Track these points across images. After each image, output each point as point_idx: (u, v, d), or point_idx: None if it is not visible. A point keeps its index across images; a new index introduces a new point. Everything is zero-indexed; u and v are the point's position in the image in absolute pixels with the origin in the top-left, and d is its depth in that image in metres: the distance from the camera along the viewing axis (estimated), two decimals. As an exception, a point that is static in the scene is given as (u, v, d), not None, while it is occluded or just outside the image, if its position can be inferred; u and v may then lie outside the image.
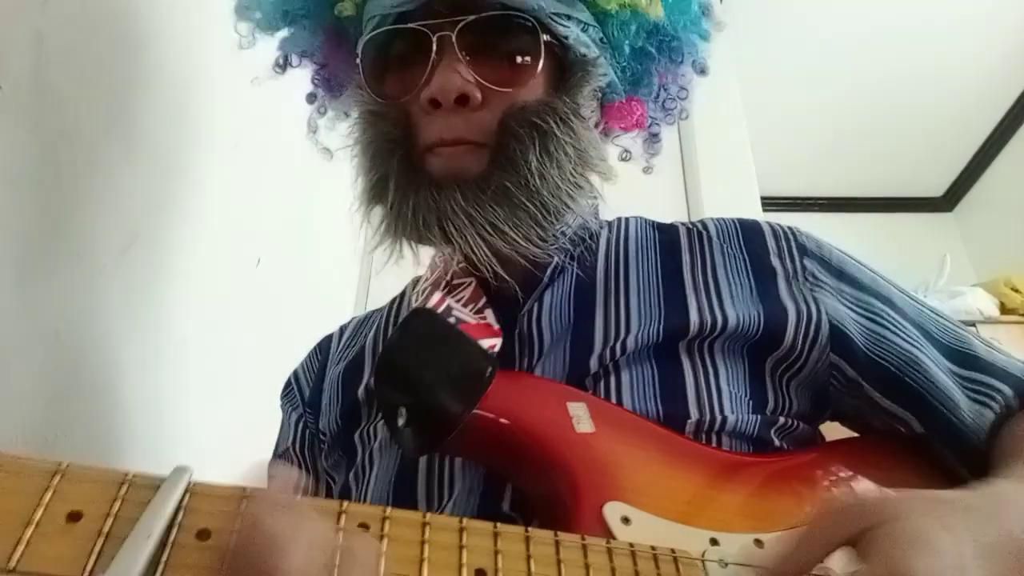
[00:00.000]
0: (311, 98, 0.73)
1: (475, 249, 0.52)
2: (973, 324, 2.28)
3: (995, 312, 2.41)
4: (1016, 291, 2.44)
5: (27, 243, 0.56)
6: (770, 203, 2.51)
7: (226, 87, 0.92)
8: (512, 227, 0.53)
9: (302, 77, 0.73)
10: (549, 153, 0.54)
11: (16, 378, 0.55)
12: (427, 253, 0.61)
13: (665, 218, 0.69)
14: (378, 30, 0.58)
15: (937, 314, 0.60)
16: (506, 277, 0.55)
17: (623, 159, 0.73)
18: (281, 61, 0.70)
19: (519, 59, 0.57)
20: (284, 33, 0.68)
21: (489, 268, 0.53)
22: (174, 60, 0.80)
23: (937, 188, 3.04)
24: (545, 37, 0.56)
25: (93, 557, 0.29)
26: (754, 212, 1.88)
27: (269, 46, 0.68)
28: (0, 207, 0.53)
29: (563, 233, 0.60)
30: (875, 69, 2.47)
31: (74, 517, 0.30)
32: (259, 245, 1.04)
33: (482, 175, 0.54)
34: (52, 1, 0.58)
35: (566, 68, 0.59)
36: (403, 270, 0.78)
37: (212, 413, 0.88)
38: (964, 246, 2.90)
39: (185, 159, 0.82)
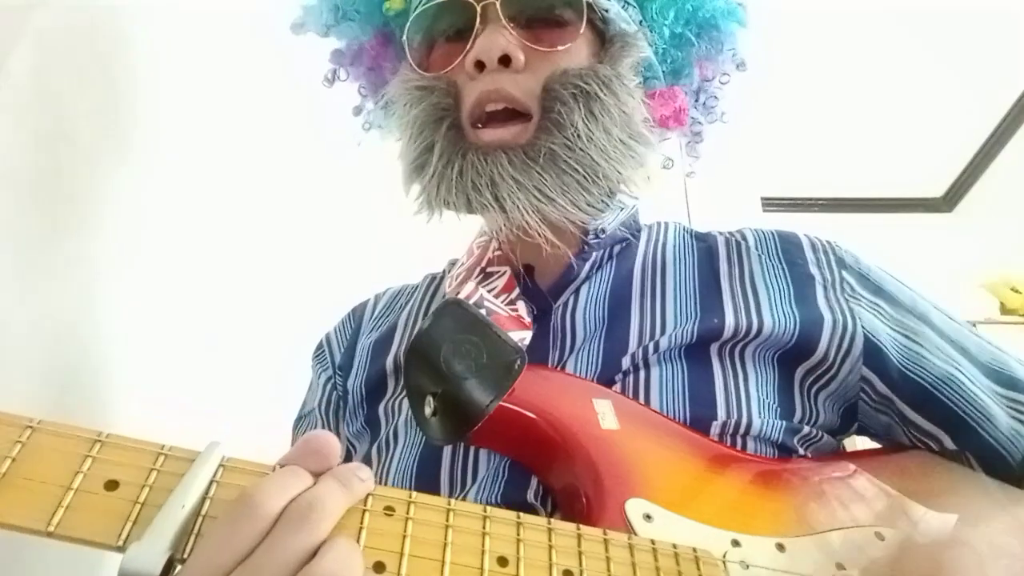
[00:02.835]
0: (357, 111, 0.75)
1: (526, 214, 0.53)
2: (973, 325, 2.27)
3: (995, 313, 2.41)
4: (1016, 291, 2.44)
5: (27, 243, 0.56)
6: (770, 203, 2.50)
7: (226, 87, 0.92)
8: (560, 192, 0.54)
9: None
10: (595, 116, 0.55)
11: (16, 378, 0.55)
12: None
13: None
14: (427, 5, 0.59)
15: (976, 335, 0.60)
16: (557, 243, 0.55)
17: (665, 167, 0.73)
18: (330, 75, 0.72)
19: (561, 23, 0.59)
20: (335, 44, 0.71)
21: (541, 235, 0.54)
22: (173, 60, 0.80)
23: (937, 188, 3.03)
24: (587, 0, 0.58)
25: (129, 524, 0.31)
26: (754, 212, 1.88)
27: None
28: (0, 207, 0.53)
29: (603, 230, 0.61)
30: (876, 69, 2.47)
31: (112, 485, 0.31)
32: (259, 245, 1.04)
33: (528, 143, 0.55)
34: (52, 1, 0.58)
35: (607, 41, 0.61)
36: (402, 272, 0.78)
37: (212, 413, 0.88)
38: (964, 246, 2.90)
39: (184, 159, 0.82)
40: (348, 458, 0.64)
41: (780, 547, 0.43)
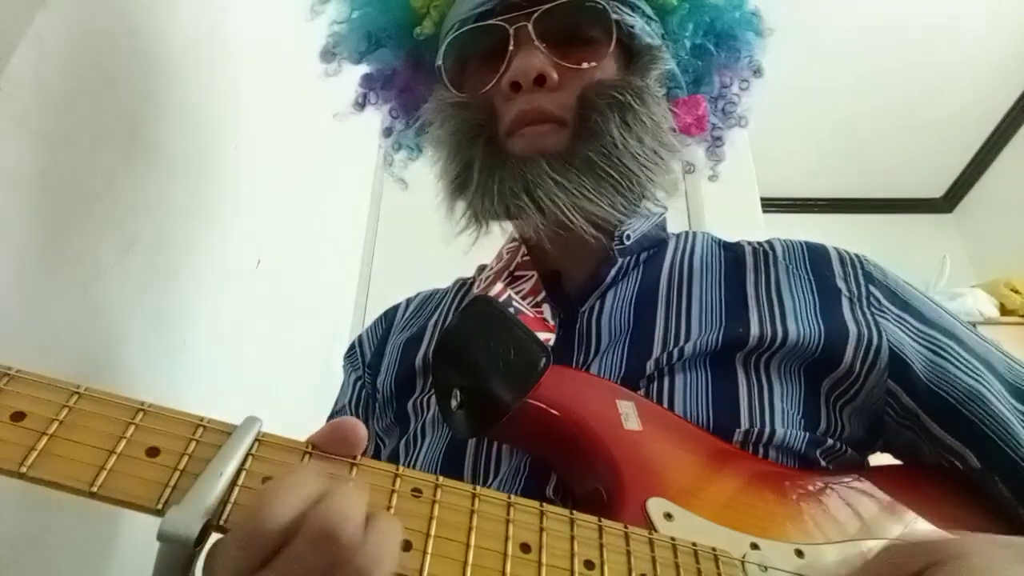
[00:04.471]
0: (387, 132, 0.78)
1: (565, 211, 0.55)
2: (973, 325, 2.26)
3: (995, 313, 2.40)
4: (1016, 292, 2.43)
5: (27, 244, 0.56)
6: (770, 204, 2.50)
7: (226, 88, 0.92)
8: (598, 196, 0.56)
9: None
10: (628, 125, 0.57)
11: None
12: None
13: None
14: (460, 31, 0.62)
15: (1004, 352, 0.59)
16: (597, 234, 0.57)
17: (687, 172, 0.75)
18: (360, 99, 0.75)
19: (592, 40, 0.61)
20: (365, 69, 0.73)
21: (579, 227, 0.55)
22: (174, 61, 0.80)
23: (937, 189, 3.03)
24: (615, 16, 0.60)
25: (168, 489, 0.32)
26: (754, 213, 1.88)
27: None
28: (0, 208, 0.53)
29: (628, 236, 0.62)
30: (875, 69, 2.47)
31: (153, 452, 0.33)
32: (259, 247, 1.04)
33: (566, 149, 0.57)
34: (52, 1, 0.58)
35: (634, 54, 0.63)
36: (403, 274, 0.78)
37: (213, 415, 0.88)
38: (964, 247, 2.90)
39: (185, 160, 0.82)
40: (377, 452, 0.66)
41: (799, 553, 0.43)
